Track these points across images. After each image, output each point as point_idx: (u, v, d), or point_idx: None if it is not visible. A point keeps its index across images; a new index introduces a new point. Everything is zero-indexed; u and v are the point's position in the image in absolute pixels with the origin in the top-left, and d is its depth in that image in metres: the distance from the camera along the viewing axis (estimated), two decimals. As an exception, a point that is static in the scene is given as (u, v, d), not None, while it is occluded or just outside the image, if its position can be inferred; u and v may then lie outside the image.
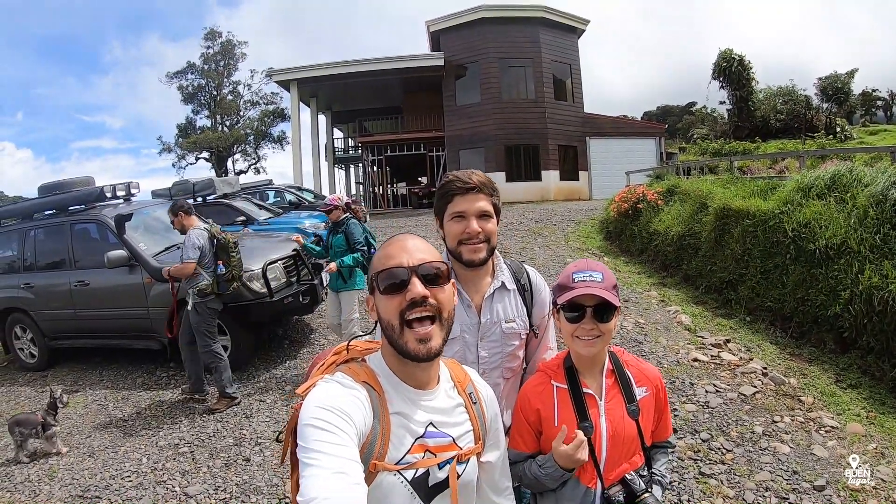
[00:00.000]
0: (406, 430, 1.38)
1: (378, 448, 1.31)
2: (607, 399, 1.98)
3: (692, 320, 7.73)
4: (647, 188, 14.10)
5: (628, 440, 1.96)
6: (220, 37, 47.71)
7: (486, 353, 2.19)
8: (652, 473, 2.04)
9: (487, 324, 2.19)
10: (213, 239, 6.42)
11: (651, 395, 2.04)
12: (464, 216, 2.11)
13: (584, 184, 29.03)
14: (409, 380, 1.43)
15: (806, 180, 7.75)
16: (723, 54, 33.52)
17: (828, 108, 35.19)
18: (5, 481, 5.32)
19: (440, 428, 1.43)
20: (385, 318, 1.39)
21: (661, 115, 57.83)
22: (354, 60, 29.10)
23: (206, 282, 6.24)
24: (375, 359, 1.48)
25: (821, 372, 5.95)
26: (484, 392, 1.64)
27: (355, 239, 6.49)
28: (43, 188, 9.14)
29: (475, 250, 2.10)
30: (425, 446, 1.40)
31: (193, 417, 6.21)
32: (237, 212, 13.10)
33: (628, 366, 2.06)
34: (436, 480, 1.41)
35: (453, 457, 1.44)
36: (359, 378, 1.37)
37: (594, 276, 1.92)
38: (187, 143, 46.08)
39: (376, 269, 1.43)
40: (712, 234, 9.13)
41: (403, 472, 1.35)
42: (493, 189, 2.17)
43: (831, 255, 6.48)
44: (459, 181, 2.12)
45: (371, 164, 32.84)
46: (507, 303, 2.24)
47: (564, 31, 29.46)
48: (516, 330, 2.22)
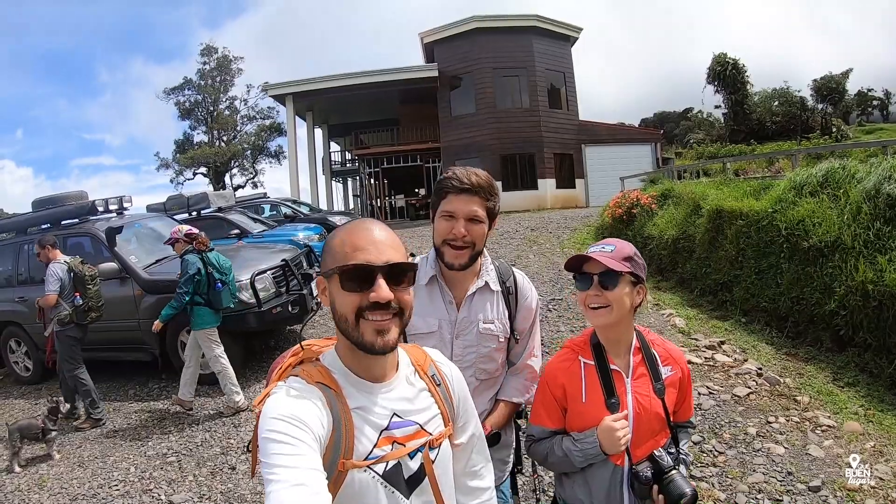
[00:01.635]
0: (369, 423, 1.32)
1: (343, 446, 1.26)
2: (634, 377, 1.99)
3: (686, 323, 7.65)
4: (642, 193, 14.08)
5: (654, 418, 1.96)
6: (216, 52, 47.93)
7: (459, 351, 2.16)
8: (678, 451, 2.04)
9: (464, 321, 2.16)
10: (72, 272, 6.60)
11: (676, 374, 2.03)
12: (453, 216, 2.07)
13: (581, 191, 29.07)
14: (366, 373, 1.37)
15: (798, 178, 7.68)
16: (717, 58, 33.72)
17: (823, 108, 35.26)
18: None
19: (405, 417, 1.38)
20: (340, 311, 1.32)
21: (658, 122, 57.95)
22: (349, 73, 29.22)
23: (65, 312, 6.49)
24: (330, 356, 1.41)
25: (817, 371, 5.85)
26: (448, 371, 1.57)
27: (182, 278, 6.28)
28: (37, 203, 9.23)
29: (457, 255, 2.08)
30: (392, 438, 1.35)
31: (182, 427, 6.26)
32: (232, 225, 13.17)
33: (654, 345, 2.06)
34: (410, 472, 1.36)
35: (424, 444, 1.39)
36: (312, 379, 1.31)
37: (605, 248, 1.94)
38: (185, 158, 46.15)
39: (339, 260, 1.32)
40: (706, 237, 9.05)
41: (373, 467, 1.30)
42: (490, 192, 2.11)
43: (825, 253, 6.40)
44: (456, 179, 2.08)
45: (368, 176, 32.91)
46: (489, 304, 2.20)
47: (557, 39, 29.62)
48: (494, 332, 2.18)
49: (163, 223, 9.67)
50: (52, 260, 6.63)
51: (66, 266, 6.57)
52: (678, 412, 2.07)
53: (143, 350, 7.66)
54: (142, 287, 7.45)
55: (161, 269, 7.82)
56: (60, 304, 6.46)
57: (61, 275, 6.49)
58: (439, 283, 2.19)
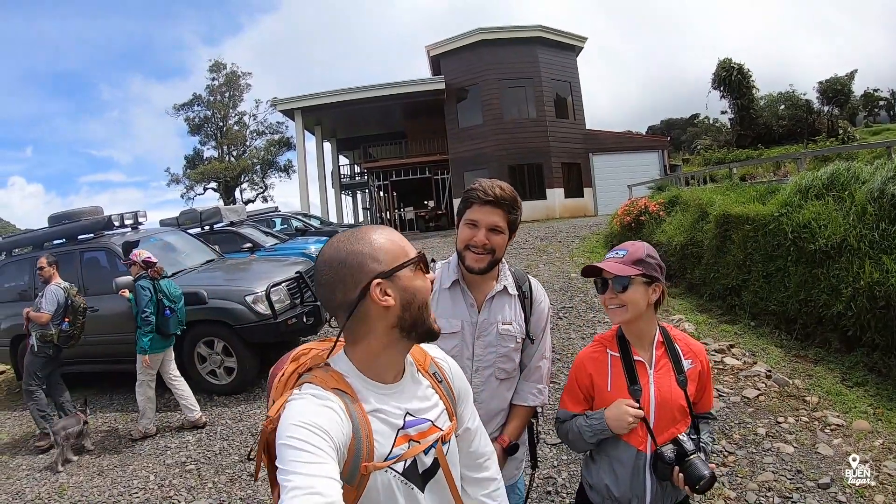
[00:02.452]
0: (387, 425, 1.36)
1: (365, 451, 1.29)
2: (657, 368, 2.14)
3: (696, 328, 7.69)
4: (650, 200, 14.10)
5: (675, 407, 2.10)
6: (225, 68, 48.42)
7: (480, 351, 2.29)
8: (699, 439, 2.15)
9: (485, 323, 2.29)
10: (68, 299, 6.78)
11: (696, 367, 2.18)
12: (476, 225, 2.21)
13: (589, 200, 29.07)
14: (380, 376, 1.41)
15: (804, 181, 7.71)
16: (722, 64, 33.66)
17: (829, 111, 35.14)
18: (16, 499, 5.55)
19: (417, 415, 1.43)
20: (422, 297, 1.42)
21: (665, 129, 57.89)
22: (357, 87, 29.44)
23: (50, 333, 6.65)
24: (342, 361, 1.43)
25: (826, 372, 5.87)
26: (446, 365, 1.64)
27: (140, 306, 6.36)
28: (53, 218, 9.34)
29: (477, 260, 2.21)
30: (408, 436, 1.39)
31: (200, 437, 6.34)
32: (244, 238, 13.28)
33: (677, 340, 2.21)
34: (424, 466, 1.41)
35: (437, 439, 1.44)
36: (328, 385, 1.33)
37: (618, 254, 2.13)
38: (195, 173, 46.65)
39: (399, 254, 1.40)
40: (714, 242, 9.08)
41: (393, 467, 1.35)
42: (513, 206, 2.25)
43: (832, 254, 6.43)
44: (481, 191, 2.22)
45: (377, 189, 33.03)
46: (507, 307, 2.33)
47: (562, 49, 29.70)
48: (512, 333, 2.30)
49: (177, 237, 9.84)
50: (53, 280, 6.83)
51: (63, 293, 6.75)
52: (699, 403, 2.20)
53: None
54: (159, 300, 7.52)
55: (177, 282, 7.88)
56: (48, 325, 6.63)
57: (59, 298, 6.68)
58: (461, 287, 2.31)
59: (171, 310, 6.60)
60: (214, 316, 7.36)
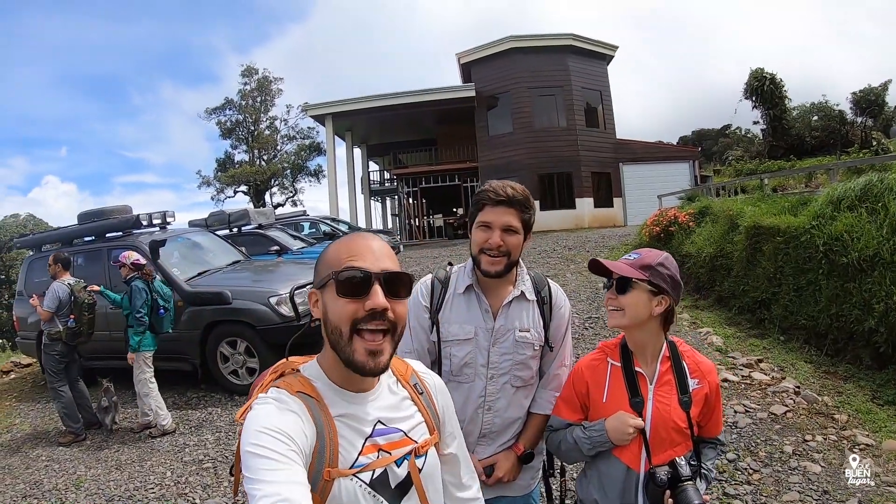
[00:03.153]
0: (353, 431, 1.32)
1: (328, 455, 1.26)
2: (658, 384, 2.02)
3: (724, 341, 7.54)
4: (679, 210, 13.95)
5: (673, 428, 1.97)
6: (257, 73, 48.93)
7: (496, 358, 2.21)
8: (700, 466, 2.04)
9: (501, 329, 2.21)
10: (73, 295, 6.86)
11: (703, 388, 2.04)
12: (490, 227, 2.14)
13: (619, 210, 28.85)
14: (349, 385, 1.36)
15: (836, 193, 7.53)
16: (754, 74, 33.18)
17: (863, 121, 34.51)
18: (34, 489, 5.68)
19: (389, 424, 1.38)
20: (333, 321, 1.30)
21: (696, 139, 57.29)
22: (387, 94, 29.65)
23: (56, 330, 6.78)
24: (311, 367, 1.41)
25: (857, 389, 5.71)
26: (430, 381, 1.58)
27: (134, 306, 6.56)
28: (83, 215, 9.52)
29: (493, 263, 2.13)
30: (377, 445, 1.34)
31: (219, 436, 6.39)
32: (271, 241, 13.34)
33: (685, 357, 2.08)
34: (397, 480, 1.35)
35: (410, 451, 1.39)
36: (293, 389, 1.30)
37: (630, 256, 2.05)
38: (226, 176, 47.12)
39: (333, 266, 1.32)
40: (744, 254, 8.93)
41: (359, 476, 1.29)
42: (525, 205, 2.18)
43: (864, 268, 6.26)
44: (493, 191, 2.15)
45: (406, 195, 33.19)
46: (525, 312, 2.25)
47: (593, 58, 29.59)
48: (529, 340, 2.22)
49: (205, 238, 10.00)
50: (59, 278, 6.95)
51: (68, 288, 6.84)
52: (704, 427, 2.07)
53: (184, 360, 7.88)
54: (183, 298, 7.65)
55: (203, 282, 8.08)
56: (54, 321, 6.75)
57: (61, 295, 6.77)
58: (476, 292, 2.25)
59: (165, 309, 6.83)
60: (238, 316, 7.43)
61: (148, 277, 6.77)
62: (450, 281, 2.30)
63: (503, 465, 2.23)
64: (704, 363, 2.10)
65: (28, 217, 33.32)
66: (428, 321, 2.26)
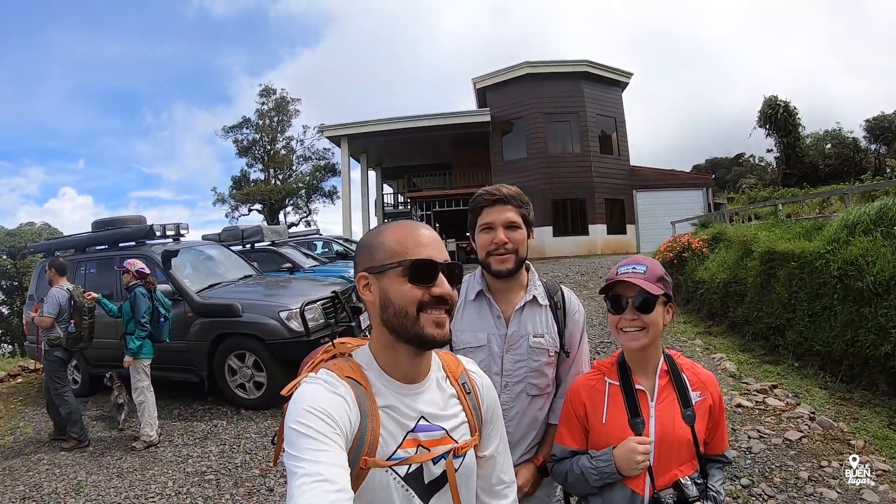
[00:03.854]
0: (396, 423, 1.34)
1: (368, 443, 1.27)
2: (659, 399, 1.94)
3: (737, 367, 7.46)
4: (693, 236, 13.90)
5: (680, 445, 1.89)
6: (274, 94, 49.59)
7: (510, 366, 2.19)
8: (707, 487, 1.92)
9: (514, 336, 2.19)
10: (72, 300, 6.88)
11: (705, 399, 1.96)
12: (492, 227, 2.15)
13: (632, 237, 28.86)
14: (399, 374, 1.38)
15: (851, 217, 7.46)
16: (768, 101, 33.23)
17: (876, 149, 34.44)
18: (33, 491, 5.65)
19: (432, 421, 1.39)
20: (399, 304, 1.33)
21: (709, 167, 57.29)
22: (403, 117, 30.00)
23: (56, 335, 6.74)
24: (362, 353, 1.43)
25: (872, 415, 5.60)
26: (479, 381, 1.57)
27: (139, 312, 6.60)
28: (96, 223, 9.63)
29: (502, 261, 2.13)
30: (417, 440, 1.35)
31: (223, 449, 6.34)
32: (284, 258, 13.40)
33: (684, 369, 2.01)
34: (432, 476, 1.36)
35: (449, 450, 1.39)
36: (343, 374, 1.33)
37: (637, 269, 1.94)
38: (241, 194, 47.60)
39: (402, 255, 1.35)
40: (758, 279, 8.84)
41: (395, 469, 1.31)
42: (522, 201, 2.19)
43: (879, 293, 6.17)
44: (487, 193, 2.18)
45: (420, 218, 33.13)
46: (538, 318, 2.22)
47: (608, 84, 29.79)
48: (544, 345, 2.19)
49: (217, 251, 10.06)
50: (56, 284, 6.96)
51: (67, 294, 6.85)
52: (710, 443, 1.98)
53: (191, 371, 7.88)
54: (194, 310, 7.68)
55: (213, 294, 8.09)
56: (54, 327, 6.74)
57: (61, 301, 6.78)
58: (487, 298, 2.23)
59: (165, 318, 6.93)
60: (247, 329, 7.41)
61: (150, 286, 6.83)
62: (460, 290, 2.27)
63: (523, 475, 2.16)
64: (704, 374, 2.04)
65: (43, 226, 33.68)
66: None
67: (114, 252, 8.81)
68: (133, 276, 6.76)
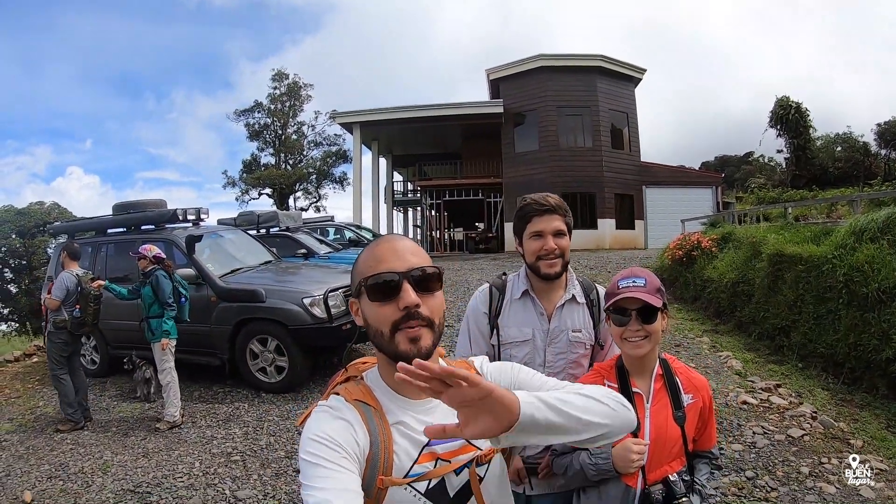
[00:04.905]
0: (409, 440, 1.31)
1: (382, 463, 1.26)
2: (654, 402, 2.07)
3: (743, 365, 7.66)
4: (702, 235, 14.03)
5: (670, 443, 2.04)
6: (287, 78, 49.32)
7: (551, 358, 2.42)
8: (693, 481, 2.08)
9: (556, 331, 2.42)
10: (79, 286, 7.02)
11: (697, 402, 2.10)
12: (541, 235, 2.36)
13: (640, 233, 28.91)
14: (405, 389, 1.35)
15: (859, 224, 7.66)
16: (780, 102, 32.98)
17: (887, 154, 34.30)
18: (59, 471, 5.72)
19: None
20: (374, 326, 1.33)
21: (719, 166, 57.06)
22: (416, 106, 30.02)
23: (63, 318, 6.93)
24: (372, 374, 1.42)
25: (872, 417, 5.83)
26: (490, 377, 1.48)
27: (164, 294, 6.79)
28: (117, 206, 9.76)
29: (551, 265, 2.36)
30: (435, 454, 1.32)
31: (247, 431, 6.47)
32: (299, 244, 13.49)
33: (678, 373, 2.14)
34: (455, 489, 1.34)
35: (472, 459, 1.35)
36: (351, 397, 1.33)
37: (637, 282, 2.04)
38: (251, 178, 47.51)
39: (364, 273, 1.35)
40: (765, 281, 9.03)
41: (414, 485, 1.29)
42: (566, 210, 2.42)
43: (884, 299, 6.38)
44: (537, 203, 2.39)
45: (429, 207, 33.38)
46: (576, 314, 2.46)
47: (621, 79, 29.72)
48: (582, 340, 2.43)
49: (238, 236, 10.22)
50: (67, 268, 7.15)
51: (76, 279, 7.00)
52: (699, 440, 2.14)
53: (213, 354, 8.05)
54: (217, 294, 7.87)
55: (236, 279, 8.26)
56: (61, 310, 6.91)
57: (69, 285, 6.94)
58: (531, 297, 2.47)
59: (186, 297, 7.11)
60: (271, 315, 7.58)
61: (168, 270, 7.00)
62: (506, 288, 2.53)
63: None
64: (697, 378, 2.17)
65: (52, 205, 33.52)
66: (487, 326, 2.49)
67: (135, 235, 8.93)
68: (150, 261, 6.93)
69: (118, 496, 5.10)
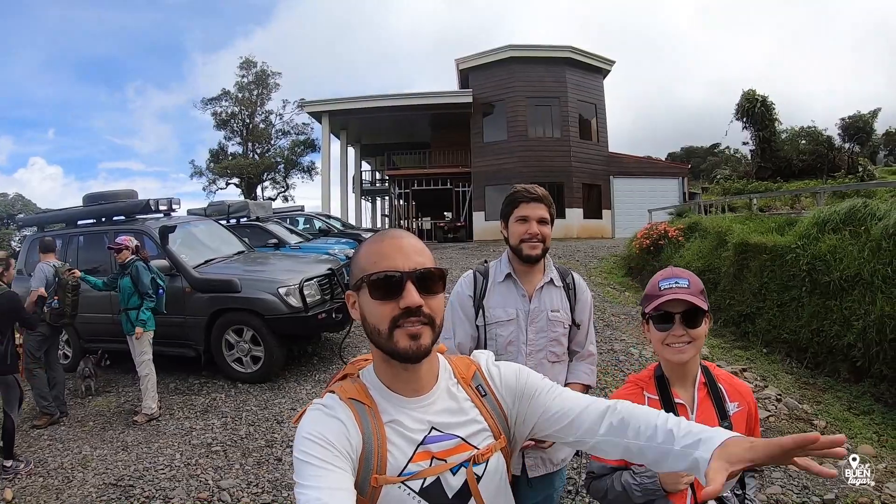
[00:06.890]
0: (403, 438, 1.30)
1: (375, 462, 1.26)
2: (698, 413, 1.91)
3: (709, 351, 7.86)
4: (669, 225, 14.31)
5: None
6: (255, 66, 48.61)
7: (533, 336, 2.59)
8: (745, 495, 1.94)
9: (536, 311, 2.60)
10: (57, 276, 6.92)
11: (743, 410, 1.95)
12: (526, 220, 2.55)
13: (608, 222, 29.28)
14: (401, 387, 1.34)
15: (822, 215, 7.95)
16: (746, 95, 33.42)
17: (850, 147, 35.02)
18: (39, 467, 5.64)
19: (444, 430, 1.33)
20: (372, 322, 1.30)
21: (685, 156, 57.81)
22: (385, 95, 30.04)
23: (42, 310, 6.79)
24: (367, 372, 1.40)
25: (834, 399, 6.10)
26: (497, 378, 1.46)
27: (143, 285, 6.74)
28: (88, 197, 9.58)
29: (533, 248, 2.54)
30: (430, 453, 1.31)
31: (226, 421, 6.46)
32: (269, 234, 13.43)
33: (720, 379, 1.99)
34: (453, 489, 1.31)
35: (468, 459, 1.33)
36: (346, 395, 1.32)
37: (680, 283, 1.90)
38: (219, 167, 46.90)
39: (366, 268, 1.31)
40: (731, 269, 9.30)
41: (408, 483, 1.27)
42: (551, 202, 2.64)
43: (845, 287, 6.66)
44: (526, 191, 2.60)
45: (398, 197, 33.30)
46: (555, 296, 2.66)
47: (590, 71, 30.00)
48: (560, 319, 2.62)
49: (210, 227, 10.12)
50: (42, 259, 7.10)
51: (52, 269, 6.93)
52: None
53: (188, 346, 7.98)
54: (192, 285, 7.79)
55: (211, 270, 8.20)
56: (39, 302, 6.79)
57: (47, 274, 6.87)
58: (514, 279, 2.64)
59: (163, 289, 7.04)
60: (246, 305, 7.55)
61: (146, 260, 6.94)
62: (489, 273, 2.70)
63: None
64: (741, 385, 2.02)
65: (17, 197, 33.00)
66: (472, 309, 2.65)
67: (106, 227, 8.80)
68: (130, 251, 6.85)
69: (100, 490, 5.05)
